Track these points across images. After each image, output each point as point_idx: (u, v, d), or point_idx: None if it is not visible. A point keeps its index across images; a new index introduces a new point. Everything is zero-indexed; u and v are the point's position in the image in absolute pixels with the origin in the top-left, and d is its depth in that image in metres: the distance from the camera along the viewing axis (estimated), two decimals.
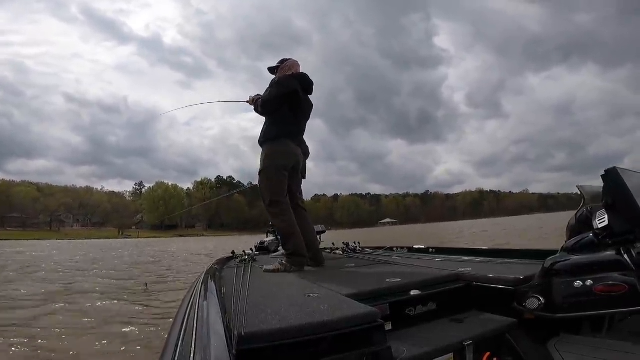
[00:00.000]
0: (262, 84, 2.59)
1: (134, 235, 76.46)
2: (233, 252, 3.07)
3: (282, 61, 2.51)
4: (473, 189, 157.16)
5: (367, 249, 3.11)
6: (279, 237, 3.62)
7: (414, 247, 2.82)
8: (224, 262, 2.69)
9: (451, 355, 1.15)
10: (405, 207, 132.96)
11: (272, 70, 2.52)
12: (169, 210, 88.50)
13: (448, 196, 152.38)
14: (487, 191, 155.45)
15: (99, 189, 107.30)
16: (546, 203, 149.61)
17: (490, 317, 1.37)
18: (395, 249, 2.94)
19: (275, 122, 2.34)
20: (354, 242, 3.18)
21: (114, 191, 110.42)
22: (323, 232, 3.25)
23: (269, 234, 4.06)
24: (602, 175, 1.16)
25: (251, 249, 3.62)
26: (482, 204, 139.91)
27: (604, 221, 1.17)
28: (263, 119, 2.46)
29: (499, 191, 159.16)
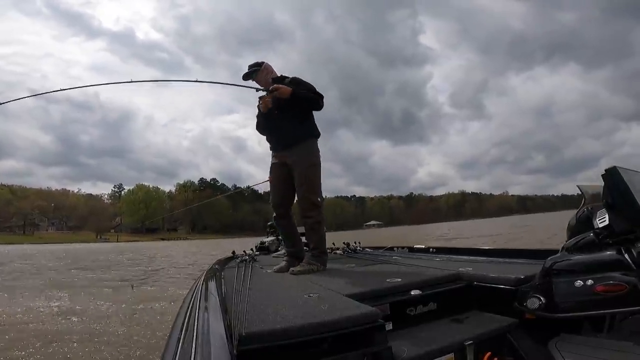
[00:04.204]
0: (242, 81, 2.46)
1: (112, 238, 74.41)
2: (233, 252, 3.08)
3: (255, 65, 2.39)
4: (455, 191, 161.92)
5: (367, 249, 3.12)
6: (279, 237, 3.55)
7: (415, 247, 2.83)
8: (224, 262, 2.69)
9: (452, 355, 1.15)
10: (389, 209, 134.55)
11: (248, 76, 2.39)
12: (150, 213, 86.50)
13: (432, 198, 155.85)
14: (469, 193, 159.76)
15: (75, 191, 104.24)
16: (525, 205, 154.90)
17: (491, 317, 1.37)
18: (395, 248, 2.94)
19: (314, 121, 2.36)
20: (355, 242, 3.18)
21: (91, 194, 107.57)
22: None
23: (269, 234, 4.01)
24: (602, 175, 1.17)
25: (252, 249, 3.60)
26: (464, 206, 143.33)
27: (605, 220, 1.17)
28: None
29: (480, 193, 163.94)
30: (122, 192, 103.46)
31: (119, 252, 23.58)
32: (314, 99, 2.29)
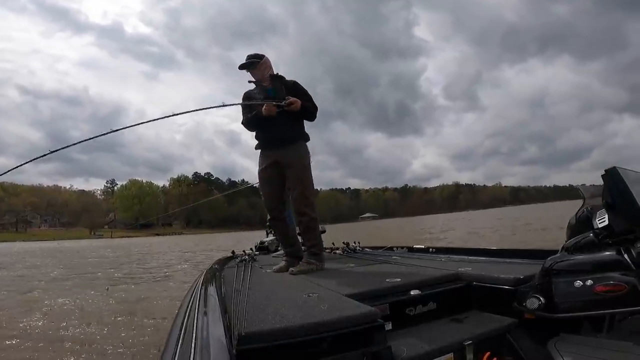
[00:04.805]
0: (237, 74, 2.27)
1: (106, 234, 73.87)
2: (233, 252, 3.08)
3: (256, 56, 2.32)
4: (450, 183, 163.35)
5: (367, 249, 3.13)
6: (276, 237, 3.53)
7: (414, 247, 2.83)
8: (224, 262, 2.69)
9: (451, 355, 1.15)
10: (384, 201, 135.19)
11: (245, 66, 2.32)
12: (144, 208, 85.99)
13: (426, 189, 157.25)
14: (463, 184, 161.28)
15: (67, 187, 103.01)
16: (517, 196, 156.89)
17: (491, 317, 1.37)
18: (395, 248, 2.94)
19: (304, 125, 2.39)
20: (354, 242, 3.18)
21: (83, 190, 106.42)
22: (323, 232, 3.21)
23: (269, 234, 3.95)
24: (602, 175, 1.16)
25: (251, 249, 3.60)
26: (458, 198, 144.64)
27: (604, 221, 1.17)
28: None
29: (474, 184, 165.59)
30: (115, 188, 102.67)
31: (110, 249, 23.06)
32: (314, 113, 2.35)
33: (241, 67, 2.31)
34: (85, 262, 13.30)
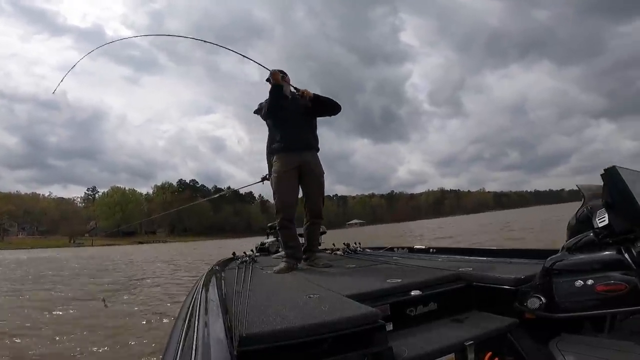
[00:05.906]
0: (221, 79, 2.66)
1: (87, 242, 71.53)
2: (234, 254, 3.10)
3: (281, 72, 2.50)
4: (435, 189, 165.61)
5: (367, 250, 3.15)
6: (279, 238, 3.53)
7: (415, 247, 2.85)
8: (224, 263, 2.69)
9: (452, 355, 1.15)
10: (371, 207, 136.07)
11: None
12: (126, 216, 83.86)
13: (412, 196, 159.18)
14: (448, 190, 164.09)
15: (46, 195, 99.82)
16: (500, 201, 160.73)
17: (491, 317, 1.37)
18: (395, 249, 2.96)
19: None
20: (355, 243, 3.21)
21: (62, 197, 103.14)
22: (324, 232, 3.19)
23: (269, 235, 3.98)
24: (601, 175, 1.18)
25: (252, 250, 3.59)
26: (443, 203, 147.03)
27: (604, 220, 1.18)
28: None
29: (459, 190, 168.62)
30: (97, 195, 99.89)
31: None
32: (335, 103, 2.47)
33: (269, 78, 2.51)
34: None
